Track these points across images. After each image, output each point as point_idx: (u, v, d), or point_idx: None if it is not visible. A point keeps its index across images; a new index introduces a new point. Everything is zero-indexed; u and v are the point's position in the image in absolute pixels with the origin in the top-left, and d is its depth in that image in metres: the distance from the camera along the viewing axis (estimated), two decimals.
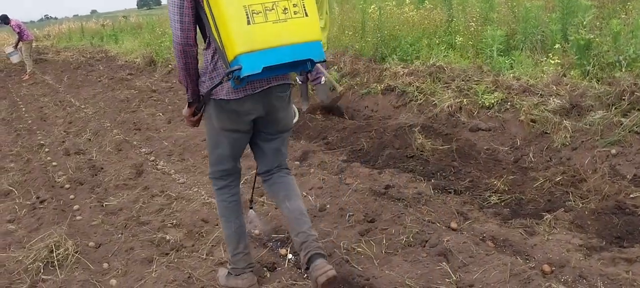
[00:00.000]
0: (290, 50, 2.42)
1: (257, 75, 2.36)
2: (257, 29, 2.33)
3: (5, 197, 5.05)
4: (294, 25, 2.42)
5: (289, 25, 2.41)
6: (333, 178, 4.52)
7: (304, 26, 2.46)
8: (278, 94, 2.73)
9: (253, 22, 2.32)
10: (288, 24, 2.40)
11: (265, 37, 2.36)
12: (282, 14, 2.39)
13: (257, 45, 2.34)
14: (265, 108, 2.71)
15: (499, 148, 5.01)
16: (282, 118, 2.84)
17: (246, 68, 2.32)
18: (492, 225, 3.45)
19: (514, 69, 6.21)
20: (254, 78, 2.43)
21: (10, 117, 9.29)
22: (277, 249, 3.47)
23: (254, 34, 2.33)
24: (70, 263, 3.45)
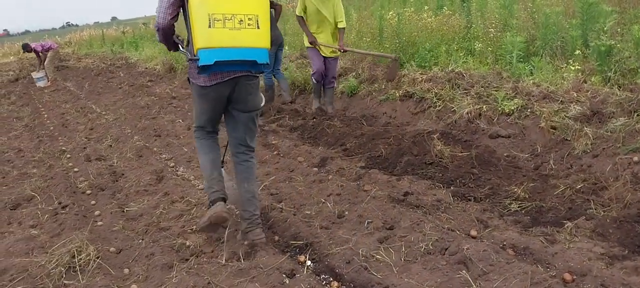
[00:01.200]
0: (239, 51, 3.18)
1: (215, 67, 3.16)
2: (215, 32, 3.09)
3: (28, 202, 5.11)
4: (246, 34, 3.17)
5: (242, 33, 3.16)
6: (351, 184, 4.52)
7: (255, 36, 3.22)
8: (245, 83, 3.46)
9: (213, 26, 3.08)
10: (241, 32, 3.15)
11: (220, 39, 3.11)
12: (238, 24, 3.14)
13: (212, 44, 3.11)
14: (235, 91, 3.46)
15: (519, 155, 4.97)
16: (250, 100, 3.57)
17: (202, 60, 3.12)
18: (512, 233, 3.42)
19: (534, 75, 6.16)
20: (219, 69, 3.25)
21: (33, 123, 9.43)
22: (295, 256, 3.47)
23: (212, 36, 3.10)
24: (91, 269, 3.48)
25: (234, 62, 3.22)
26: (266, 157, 5.70)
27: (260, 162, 5.55)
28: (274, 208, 4.25)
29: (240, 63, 3.25)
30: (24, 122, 9.59)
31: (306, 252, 3.50)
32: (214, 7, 3.08)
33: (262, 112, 7.67)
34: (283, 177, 4.97)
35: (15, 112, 10.94)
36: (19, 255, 3.77)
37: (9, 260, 3.70)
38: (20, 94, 14.13)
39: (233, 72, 3.35)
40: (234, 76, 3.36)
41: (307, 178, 4.87)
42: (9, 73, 20.01)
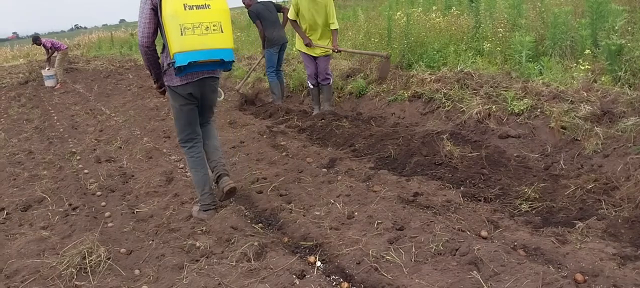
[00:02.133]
0: (208, 52, 3.79)
1: (189, 67, 3.79)
2: (186, 38, 3.70)
3: (38, 204, 5.15)
4: (212, 38, 3.78)
5: (209, 38, 3.77)
6: (361, 185, 4.52)
7: (220, 39, 3.82)
8: (210, 83, 4.20)
9: (185, 34, 3.69)
10: (208, 36, 3.77)
11: (191, 43, 3.72)
12: (205, 30, 3.76)
13: (185, 48, 3.71)
14: (201, 90, 4.15)
15: (529, 155, 4.95)
16: (213, 97, 4.39)
17: (178, 61, 3.72)
18: (523, 234, 3.41)
19: (543, 75, 6.13)
20: (191, 71, 3.87)
21: (43, 125, 9.49)
22: (305, 257, 3.47)
23: (184, 41, 3.70)
24: (102, 270, 3.50)
25: (205, 62, 3.84)
26: (275, 158, 5.70)
27: (269, 163, 5.56)
28: (283, 209, 4.26)
29: (210, 63, 3.88)
30: (34, 124, 9.66)
31: (316, 252, 3.50)
32: (184, 19, 3.68)
33: (270, 113, 7.77)
34: (292, 178, 4.97)
35: (25, 114, 11.02)
36: (31, 257, 3.79)
37: (21, 261, 3.73)
38: (30, 96, 14.22)
39: (201, 73, 4.03)
40: (201, 77, 4.05)
41: (316, 179, 4.87)
42: (18, 75, 20.15)
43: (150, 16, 3.84)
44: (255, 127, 7.14)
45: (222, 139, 6.53)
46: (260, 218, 4.24)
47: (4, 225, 4.69)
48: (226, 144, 6.42)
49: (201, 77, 4.04)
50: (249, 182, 5.06)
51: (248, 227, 3.99)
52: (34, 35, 15.69)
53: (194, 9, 3.72)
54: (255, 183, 4.99)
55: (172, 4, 3.67)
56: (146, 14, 3.85)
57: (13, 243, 4.14)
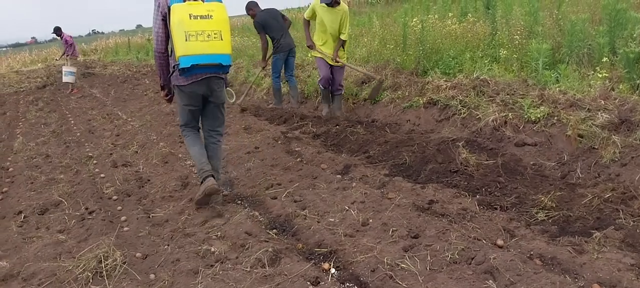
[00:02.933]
0: (208, 57, 4.27)
1: (192, 69, 4.27)
2: (190, 44, 4.18)
3: (55, 207, 5.19)
4: (213, 44, 4.26)
5: (210, 44, 4.24)
6: (375, 192, 4.51)
7: (219, 45, 4.29)
8: (215, 81, 4.57)
9: (189, 40, 4.17)
10: (209, 43, 4.24)
11: (194, 48, 4.20)
12: (206, 38, 4.22)
13: (189, 52, 4.19)
14: (207, 89, 4.57)
15: (546, 163, 4.92)
16: (219, 94, 4.70)
17: (182, 64, 4.21)
18: (539, 243, 3.38)
19: (560, 83, 6.09)
20: (194, 72, 4.34)
21: (60, 129, 9.58)
22: (320, 263, 3.47)
23: (188, 46, 4.18)
24: (118, 274, 3.52)
25: (206, 65, 4.32)
26: (289, 163, 5.71)
27: (284, 168, 5.57)
28: (297, 215, 4.25)
29: (210, 66, 4.35)
30: (51, 128, 9.75)
31: (330, 259, 3.49)
32: (188, 26, 4.17)
33: (285, 119, 7.80)
34: (306, 184, 4.97)
35: (43, 118, 11.15)
36: (47, 260, 3.82)
37: (38, 264, 3.76)
38: (47, 100, 14.39)
39: (205, 74, 4.45)
40: (205, 76, 4.47)
41: (330, 186, 4.86)
42: (36, 80, 20.39)
43: (162, 25, 4.40)
44: (270, 132, 7.16)
45: (236, 144, 6.62)
46: (274, 224, 4.24)
47: (21, 229, 4.73)
48: (241, 149, 6.44)
49: (205, 77, 4.47)
50: (264, 187, 5.07)
51: (262, 232, 3.99)
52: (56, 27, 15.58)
53: (198, 18, 4.20)
54: (270, 189, 5.00)
55: (179, 13, 4.17)
56: (158, 24, 4.41)
57: (30, 247, 4.18)
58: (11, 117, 12.06)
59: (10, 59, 36.04)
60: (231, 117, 8.57)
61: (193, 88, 4.50)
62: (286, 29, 8.81)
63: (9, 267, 3.81)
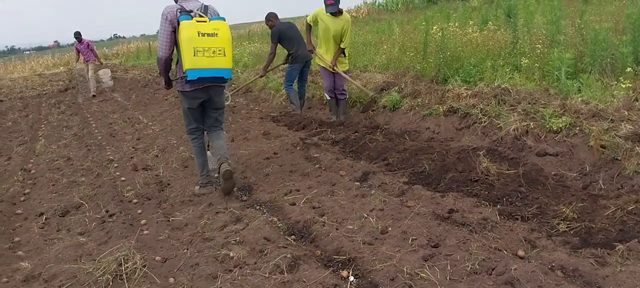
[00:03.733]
0: (212, 71, 4.79)
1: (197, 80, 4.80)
2: (198, 59, 4.69)
3: (76, 210, 5.25)
4: (217, 60, 4.77)
5: (214, 60, 4.75)
6: (394, 200, 4.48)
7: (223, 61, 4.80)
8: (215, 90, 5.17)
9: (196, 55, 4.67)
10: (214, 59, 4.75)
11: (201, 63, 4.71)
12: (212, 54, 4.73)
13: (196, 66, 4.71)
14: (207, 96, 5.15)
15: (567, 174, 4.86)
16: (217, 101, 5.29)
17: (189, 76, 4.74)
18: (561, 254, 3.34)
19: (582, 92, 6.02)
20: (198, 81, 4.85)
21: (82, 132, 9.69)
22: (338, 271, 3.46)
23: (196, 61, 4.69)
24: (138, 277, 3.54)
25: (210, 78, 4.86)
26: (308, 169, 5.71)
27: (302, 174, 5.57)
28: (316, 222, 4.24)
29: (213, 78, 4.88)
30: (73, 131, 9.87)
31: (349, 267, 3.48)
32: (197, 43, 4.66)
33: (304, 125, 7.81)
34: (325, 191, 4.96)
35: (65, 121, 11.29)
36: (68, 262, 3.86)
37: (58, 266, 3.79)
38: (69, 103, 14.57)
39: (206, 84, 5.02)
40: (207, 85, 5.06)
41: (349, 193, 4.85)
42: (59, 83, 20.66)
43: (170, 35, 4.90)
44: (289, 138, 7.17)
45: (255, 149, 6.65)
46: (293, 230, 4.24)
47: (42, 230, 4.79)
48: (260, 155, 6.46)
49: (207, 85, 5.05)
50: (282, 193, 5.08)
51: (281, 238, 3.99)
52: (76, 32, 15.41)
53: (205, 36, 4.70)
54: (288, 195, 5.00)
55: (188, 31, 4.66)
56: (167, 34, 4.89)
57: (51, 248, 4.23)
58: (34, 119, 12.22)
59: (33, 62, 36.62)
60: (250, 122, 8.61)
61: (195, 94, 5.10)
62: (303, 40, 8.94)
63: (30, 268, 3.86)
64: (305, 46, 8.78)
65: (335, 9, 7.43)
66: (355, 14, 33.31)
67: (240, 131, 7.96)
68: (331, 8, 7.41)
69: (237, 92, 11.34)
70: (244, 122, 8.75)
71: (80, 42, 15.40)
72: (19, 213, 5.35)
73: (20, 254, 4.25)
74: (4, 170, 7.21)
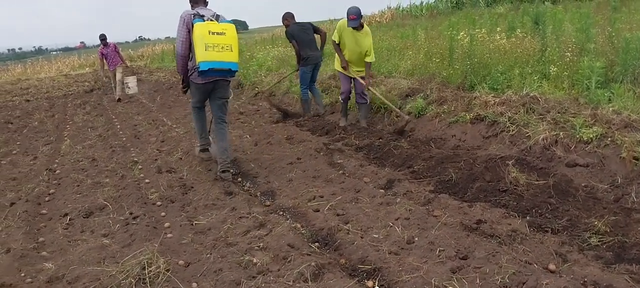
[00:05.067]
0: (221, 63, 5.56)
1: (207, 72, 5.58)
2: (209, 53, 5.47)
3: (100, 211, 5.26)
4: (225, 54, 5.55)
5: (223, 54, 5.54)
6: (420, 209, 4.41)
7: (230, 55, 5.59)
8: (222, 82, 5.98)
9: (208, 50, 5.46)
10: (223, 53, 5.53)
11: (211, 57, 5.48)
12: (221, 49, 5.52)
13: (207, 59, 5.47)
14: (215, 86, 5.96)
15: (598, 185, 4.73)
16: (223, 91, 6.10)
17: (201, 67, 5.50)
18: (593, 269, 3.23)
19: (613, 102, 5.88)
20: (209, 74, 5.68)
21: (107, 133, 9.75)
22: (363, 281, 3.40)
23: (207, 55, 5.47)
24: (161, 282, 3.52)
25: (219, 70, 5.62)
26: (331, 176, 5.66)
27: (326, 180, 5.52)
28: (340, 230, 4.19)
29: (222, 70, 5.66)
30: (98, 132, 9.94)
31: (374, 277, 3.42)
32: (208, 40, 5.46)
33: (327, 130, 7.76)
34: (349, 198, 4.90)
35: (90, 122, 11.38)
36: (92, 264, 3.86)
37: (82, 268, 3.80)
38: (94, 104, 14.70)
39: (215, 77, 5.80)
40: (215, 79, 5.85)
41: (373, 200, 4.79)
42: (84, 84, 20.90)
43: (186, 35, 5.70)
44: (312, 143, 7.13)
45: (279, 154, 6.63)
46: (316, 238, 4.19)
47: (67, 231, 4.80)
48: (283, 159, 6.43)
49: (215, 79, 5.85)
50: (306, 199, 5.03)
51: (305, 245, 3.94)
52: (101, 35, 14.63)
53: (215, 34, 5.51)
54: (312, 201, 4.96)
55: (201, 29, 5.48)
56: (184, 34, 5.70)
57: (75, 249, 4.24)
58: (59, 119, 12.35)
59: (60, 63, 37.12)
60: (273, 127, 8.59)
61: (206, 86, 5.92)
62: (315, 43, 9.19)
63: (54, 269, 3.87)
64: (316, 48, 9.12)
65: (357, 24, 7.61)
66: (379, 19, 33.21)
67: (263, 135, 7.94)
68: (353, 23, 7.57)
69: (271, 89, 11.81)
70: (267, 126, 8.73)
71: (105, 45, 14.74)
72: (44, 213, 5.37)
73: (44, 254, 4.26)
74: (29, 170, 7.28)
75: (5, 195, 6.06)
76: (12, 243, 4.46)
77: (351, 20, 7.56)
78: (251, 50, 18.15)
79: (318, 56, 9.10)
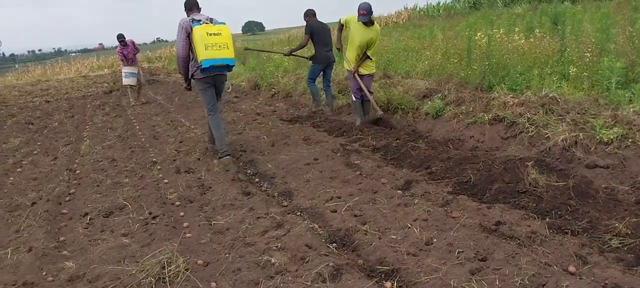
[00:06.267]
0: (220, 60, 6.36)
1: (209, 68, 6.33)
2: (208, 51, 6.23)
3: (120, 211, 5.31)
4: (223, 52, 6.35)
5: (221, 52, 6.33)
6: (438, 210, 4.39)
7: (227, 52, 6.39)
8: (220, 77, 6.81)
9: (207, 49, 6.22)
10: (221, 51, 6.32)
11: (211, 55, 6.25)
12: (219, 48, 6.30)
13: (208, 57, 6.24)
14: (215, 81, 6.77)
15: (619, 187, 4.68)
16: (222, 85, 6.97)
17: (203, 64, 6.26)
18: (614, 272, 3.20)
19: (634, 103, 5.82)
20: (209, 71, 6.41)
21: (126, 134, 9.84)
22: (382, 282, 3.40)
23: (207, 54, 6.23)
24: (180, 281, 3.54)
25: (218, 66, 6.46)
26: (349, 176, 5.66)
27: (343, 181, 5.51)
28: (358, 230, 4.18)
29: (221, 66, 6.51)
30: (117, 133, 10.03)
31: (393, 278, 3.41)
32: (207, 40, 6.25)
33: (344, 131, 7.77)
34: (366, 199, 4.90)
35: (109, 123, 11.49)
36: (111, 263, 3.90)
37: (102, 267, 3.84)
38: (113, 105, 14.82)
39: (215, 72, 6.60)
40: (215, 74, 6.66)
41: (391, 201, 4.77)
42: (103, 85, 21.09)
43: (185, 39, 6.42)
44: (329, 144, 7.13)
45: (296, 155, 6.65)
46: (334, 238, 4.19)
47: (87, 230, 4.86)
48: (300, 160, 6.44)
49: (215, 74, 6.66)
50: (323, 200, 5.04)
51: (322, 246, 3.95)
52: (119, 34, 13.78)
53: (212, 35, 6.29)
54: (329, 202, 4.96)
55: (200, 32, 6.24)
56: (183, 38, 6.41)
57: (95, 249, 4.28)
58: (79, 120, 12.49)
59: (79, 64, 37.47)
60: (290, 127, 8.62)
61: (207, 80, 6.68)
62: (330, 44, 9.47)
63: (75, 268, 3.91)
64: (328, 49, 9.37)
65: (367, 19, 7.78)
66: (395, 19, 33.15)
67: (280, 136, 7.96)
68: (363, 18, 7.75)
69: (253, 51, 13.00)
70: (284, 126, 8.75)
71: (124, 45, 13.83)
72: (65, 213, 5.44)
73: (65, 254, 4.31)
74: (50, 170, 7.37)
75: (27, 194, 6.14)
76: (34, 242, 4.52)
77: (362, 15, 7.74)
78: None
79: (330, 56, 9.39)
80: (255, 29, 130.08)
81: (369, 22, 7.88)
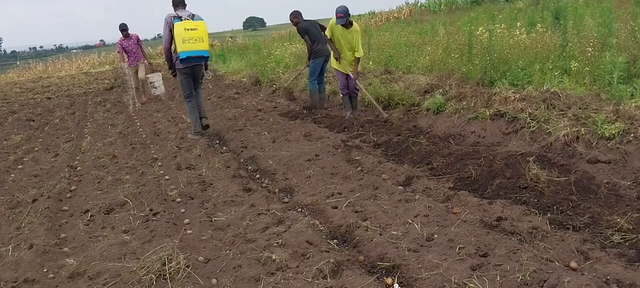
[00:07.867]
0: (196, 52, 7.70)
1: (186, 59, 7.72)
2: (186, 44, 7.58)
3: (121, 207, 5.30)
4: (198, 44, 7.68)
5: (196, 44, 7.66)
6: (439, 206, 4.38)
7: (202, 45, 7.73)
8: (198, 67, 8.12)
9: (185, 43, 7.58)
10: (196, 43, 7.65)
11: (189, 47, 7.61)
12: (195, 41, 7.62)
13: (186, 49, 7.60)
14: (193, 70, 8.07)
15: (620, 182, 4.66)
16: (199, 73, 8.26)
17: (181, 55, 7.65)
18: (616, 267, 3.19)
19: (636, 98, 5.80)
20: (187, 61, 7.77)
21: (127, 131, 9.83)
22: (382, 278, 3.39)
23: (185, 46, 7.59)
24: (181, 277, 3.54)
25: (195, 57, 7.69)
26: (350, 172, 5.64)
27: (344, 177, 5.51)
28: (359, 226, 4.17)
29: (197, 58, 7.73)
30: (118, 130, 10.02)
31: (394, 274, 3.41)
32: (184, 35, 7.46)
33: (345, 127, 7.75)
34: (367, 195, 4.89)
35: (110, 120, 11.49)
36: (112, 260, 3.90)
37: (103, 264, 3.84)
38: (114, 102, 14.82)
39: (193, 62, 7.82)
40: (193, 64, 7.87)
41: (392, 197, 4.76)
42: (104, 81, 21.10)
43: (169, 33, 7.65)
44: (330, 140, 7.12)
45: (297, 151, 6.65)
46: (335, 234, 4.19)
47: (88, 227, 4.85)
48: (301, 156, 6.43)
49: (193, 64, 7.87)
50: (324, 196, 5.03)
51: (323, 242, 3.94)
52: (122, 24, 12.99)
53: (190, 30, 7.49)
54: (330, 198, 4.95)
55: (179, 28, 7.45)
56: (167, 32, 7.69)
57: (96, 245, 4.28)
58: (80, 117, 12.49)
59: (79, 61, 37.49)
60: (291, 123, 8.61)
61: (186, 70, 7.91)
62: (323, 38, 9.54)
63: (76, 264, 3.91)
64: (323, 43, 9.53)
65: (345, 21, 8.37)
66: (397, 14, 33.09)
67: (281, 132, 7.95)
68: (340, 20, 8.33)
69: (289, 85, 12.25)
70: (285, 123, 8.75)
71: (127, 37, 13.12)
72: (65, 209, 5.43)
73: (66, 250, 4.31)
74: (51, 167, 7.37)
75: (28, 191, 6.14)
76: (35, 239, 4.51)
77: (339, 18, 8.31)
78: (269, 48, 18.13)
79: (327, 49, 9.49)
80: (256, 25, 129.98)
81: (348, 24, 8.41)
